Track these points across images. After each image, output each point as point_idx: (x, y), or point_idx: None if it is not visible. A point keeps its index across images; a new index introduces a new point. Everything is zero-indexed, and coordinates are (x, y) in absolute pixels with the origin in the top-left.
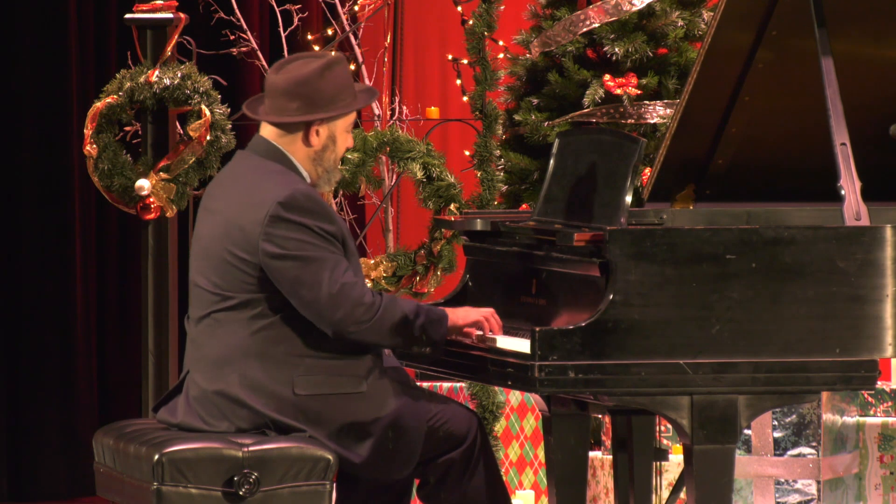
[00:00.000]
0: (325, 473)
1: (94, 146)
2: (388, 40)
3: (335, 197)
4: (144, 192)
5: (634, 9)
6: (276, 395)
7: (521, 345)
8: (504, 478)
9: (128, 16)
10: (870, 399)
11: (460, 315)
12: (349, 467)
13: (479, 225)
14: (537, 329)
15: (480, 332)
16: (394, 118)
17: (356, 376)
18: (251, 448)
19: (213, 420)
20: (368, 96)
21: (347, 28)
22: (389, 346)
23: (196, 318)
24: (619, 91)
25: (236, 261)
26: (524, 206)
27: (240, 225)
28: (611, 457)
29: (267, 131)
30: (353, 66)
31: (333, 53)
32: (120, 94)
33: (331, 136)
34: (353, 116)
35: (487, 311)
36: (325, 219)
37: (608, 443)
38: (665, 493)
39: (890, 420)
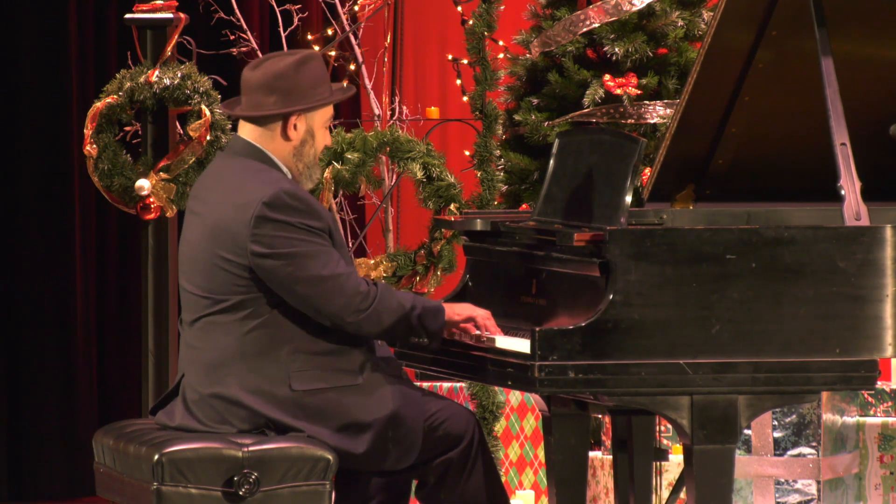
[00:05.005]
0: (324, 473)
1: (94, 146)
2: (388, 40)
3: (335, 197)
4: (144, 192)
5: (634, 9)
6: (273, 393)
7: (521, 345)
8: (504, 478)
9: (128, 16)
10: (870, 399)
11: (457, 310)
12: (350, 460)
13: (479, 225)
14: (537, 329)
15: (478, 332)
16: (394, 118)
17: (350, 371)
18: (251, 448)
19: (211, 423)
20: (344, 92)
21: (347, 28)
22: (387, 336)
23: (188, 322)
24: (619, 91)
25: (225, 263)
26: (524, 206)
27: (226, 227)
28: (611, 457)
29: (245, 131)
30: (353, 66)
31: (307, 50)
32: (120, 94)
33: (309, 129)
34: (330, 111)
35: (485, 312)
36: (311, 215)
37: (608, 443)
38: (665, 493)
39: (890, 420)
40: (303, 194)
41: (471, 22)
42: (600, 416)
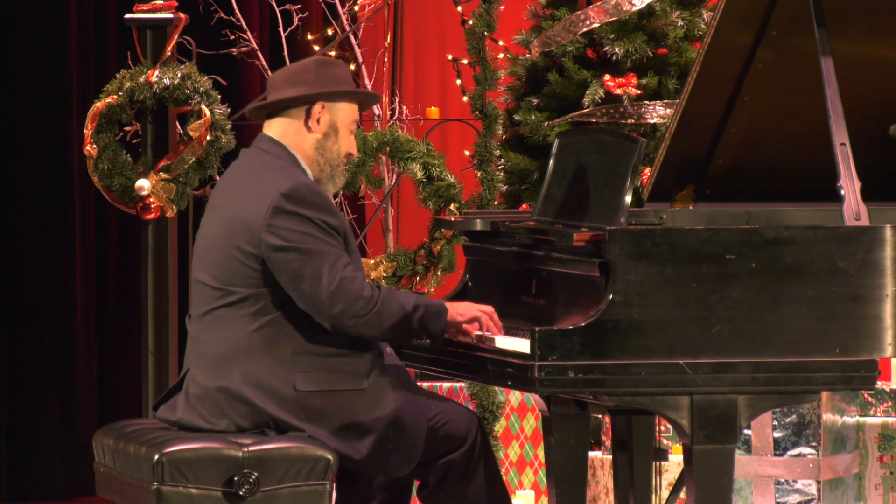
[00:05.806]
0: (324, 473)
1: (94, 146)
2: (388, 40)
3: (335, 197)
4: (144, 192)
5: (634, 9)
6: (277, 391)
7: (521, 345)
8: (504, 478)
9: (128, 16)
10: (870, 399)
11: (460, 311)
12: (350, 464)
13: (479, 225)
14: (537, 329)
15: (480, 333)
16: (394, 118)
17: (356, 374)
18: (251, 448)
19: (212, 417)
20: (369, 95)
21: (347, 28)
22: (388, 340)
23: (198, 315)
24: (619, 91)
25: (240, 254)
26: (524, 206)
27: (243, 218)
28: (611, 457)
29: (270, 128)
30: (353, 66)
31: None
32: (120, 94)
33: (332, 124)
34: (355, 113)
35: (487, 309)
36: (328, 212)
37: (608, 443)
38: (665, 493)
39: (890, 420)
40: (322, 191)
41: (471, 22)
42: (600, 416)
